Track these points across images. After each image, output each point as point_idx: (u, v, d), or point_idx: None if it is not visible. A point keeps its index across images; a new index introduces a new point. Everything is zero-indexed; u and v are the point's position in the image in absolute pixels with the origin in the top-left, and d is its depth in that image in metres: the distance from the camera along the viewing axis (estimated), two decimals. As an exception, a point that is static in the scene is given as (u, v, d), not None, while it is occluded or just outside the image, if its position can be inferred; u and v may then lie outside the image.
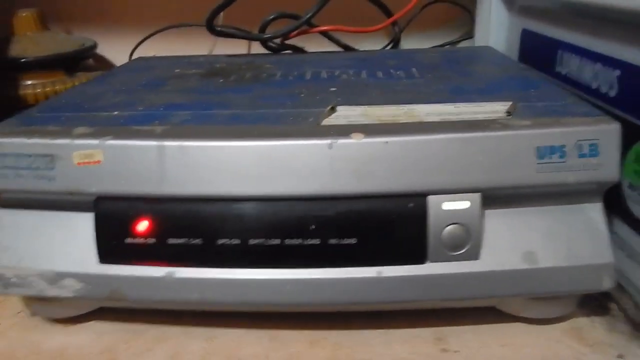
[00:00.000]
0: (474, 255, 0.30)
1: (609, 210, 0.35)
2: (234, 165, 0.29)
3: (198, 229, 0.28)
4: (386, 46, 0.73)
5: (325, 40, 0.67)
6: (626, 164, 0.38)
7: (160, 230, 0.29)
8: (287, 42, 0.60)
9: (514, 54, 0.58)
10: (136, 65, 0.52)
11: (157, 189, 0.28)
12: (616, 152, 0.32)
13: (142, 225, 0.28)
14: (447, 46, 0.73)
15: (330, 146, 0.30)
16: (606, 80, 0.41)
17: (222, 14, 0.58)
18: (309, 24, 0.58)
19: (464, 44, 0.73)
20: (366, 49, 0.67)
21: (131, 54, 0.70)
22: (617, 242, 0.37)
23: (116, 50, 0.74)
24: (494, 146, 0.31)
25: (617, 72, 0.39)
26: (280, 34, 0.58)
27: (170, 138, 0.29)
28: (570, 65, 0.46)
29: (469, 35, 0.72)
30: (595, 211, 0.33)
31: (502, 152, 0.31)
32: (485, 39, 0.63)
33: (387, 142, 0.29)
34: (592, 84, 0.43)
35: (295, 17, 0.59)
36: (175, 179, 0.28)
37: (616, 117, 0.39)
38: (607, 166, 0.32)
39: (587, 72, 0.44)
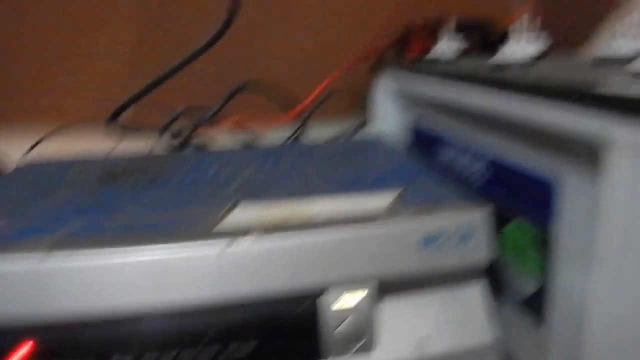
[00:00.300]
0: (369, 347, 0.31)
1: (494, 289, 0.38)
2: (124, 278, 0.28)
3: (87, 350, 0.27)
4: (291, 136, 0.76)
5: (232, 135, 0.68)
6: (501, 245, 0.42)
7: (45, 354, 0.27)
8: (192, 138, 0.61)
9: (404, 144, 0.64)
10: (24, 171, 0.50)
11: (39, 308, 0.27)
12: (490, 234, 0.36)
13: (23, 351, 0.26)
14: (345, 137, 0.77)
15: (222, 251, 0.30)
16: (477, 171, 0.46)
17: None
18: (215, 118, 0.60)
19: (362, 133, 0.79)
20: (271, 139, 0.70)
21: (27, 153, 0.68)
22: (504, 318, 0.40)
23: (11, 150, 0.71)
24: (380, 238, 0.33)
25: (484, 164, 0.44)
26: (184, 129, 0.59)
27: (54, 252, 0.28)
28: (449, 155, 0.51)
29: (367, 124, 0.78)
30: (478, 291, 0.36)
31: (388, 244, 0.33)
32: (379, 128, 0.68)
33: (277, 243, 0.31)
34: (466, 174, 0.48)
35: (200, 112, 0.60)
36: (59, 296, 0.27)
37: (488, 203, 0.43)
38: (483, 248, 0.35)
39: (462, 163, 0.48)
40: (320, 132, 0.78)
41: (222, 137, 0.65)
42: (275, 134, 0.76)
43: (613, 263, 0.27)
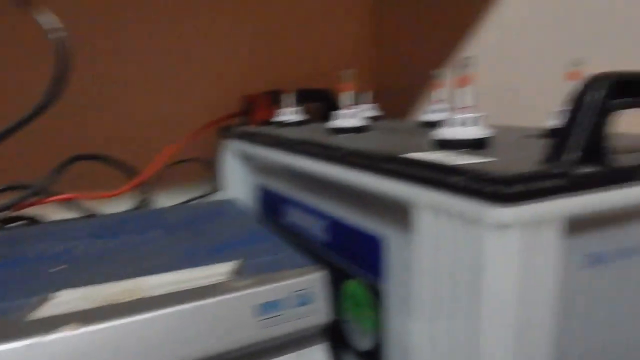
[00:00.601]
0: None
1: (338, 345, 0.39)
2: None
3: None
4: (135, 208, 0.73)
5: (67, 208, 0.64)
6: (341, 302, 0.43)
7: None
8: (18, 213, 0.55)
9: (254, 206, 0.64)
10: None
11: None
12: (327, 295, 0.37)
13: None
14: (194, 202, 0.76)
15: (41, 345, 0.27)
16: (318, 230, 0.48)
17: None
18: (43, 193, 0.55)
19: (212, 198, 0.78)
20: (112, 212, 0.66)
21: None
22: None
23: None
24: (216, 312, 0.32)
25: (324, 223, 0.46)
26: (8, 205, 0.54)
27: None
28: (294, 216, 0.53)
29: (218, 189, 0.77)
30: (320, 352, 0.36)
31: (225, 316, 0.32)
32: (229, 192, 0.68)
33: (105, 328, 0.28)
34: (309, 233, 0.49)
35: (27, 187, 0.55)
36: None
37: (329, 262, 0.45)
38: (322, 310, 0.36)
39: (305, 222, 0.50)
40: (170, 200, 0.76)
41: (56, 211, 0.61)
42: (116, 207, 0.72)
43: (428, 311, 0.29)
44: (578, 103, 0.27)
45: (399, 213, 0.34)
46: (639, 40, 0.49)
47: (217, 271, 0.37)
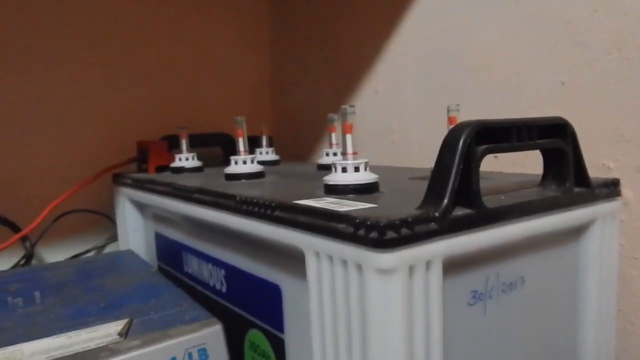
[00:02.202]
0: None
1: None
2: None
3: None
4: (17, 263, 0.66)
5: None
6: (244, 352, 0.41)
7: None
8: None
9: (152, 255, 0.61)
10: None
11: None
12: (223, 349, 0.35)
13: None
14: (87, 255, 0.71)
15: None
16: (218, 279, 0.46)
17: None
18: None
19: (106, 250, 0.73)
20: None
21: None
22: None
23: None
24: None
25: (223, 272, 0.45)
26: None
27: None
28: (193, 265, 0.50)
29: (114, 239, 0.72)
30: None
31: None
32: (126, 242, 0.64)
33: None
34: (209, 282, 0.47)
35: None
36: None
37: (231, 312, 0.44)
38: (217, 365, 0.34)
39: (204, 271, 0.48)
40: (60, 254, 0.70)
41: None
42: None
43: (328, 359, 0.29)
44: (446, 149, 0.28)
45: (295, 260, 0.33)
46: (501, 91, 0.53)
47: (105, 332, 0.34)
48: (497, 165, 0.52)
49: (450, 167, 0.27)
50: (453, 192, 0.27)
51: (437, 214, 0.27)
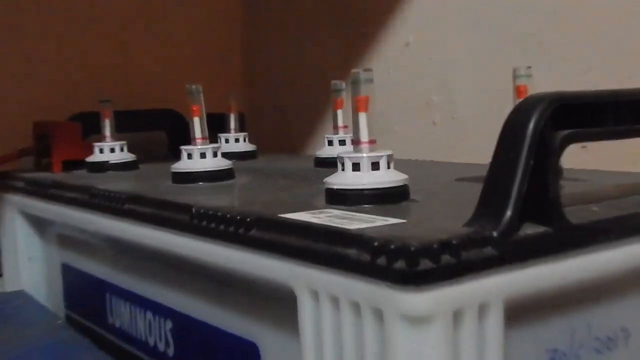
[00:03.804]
0: None
1: None
2: None
3: None
4: None
5: None
6: None
7: None
8: None
9: (58, 299, 0.62)
10: None
11: None
12: None
13: None
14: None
15: None
16: (161, 335, 0.47)
17: None
18: None
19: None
20: None
21: None
22: None
23: None
24: None
25: (170, 325, 0.46)
26: None
27: None
28: (122, 315, 0.51)
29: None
30: None
31: None
32: (15, 278, 0.65)
33: None
34: (148, 340, 0.48)
35: None
36: None
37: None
38: None
39: (141, 324, 0.49)
40: None
41: None
42: None
43: None
44: (508, 136, 0.29)
45: (280, 305, 0.34)
46: (599, 48, 0.55)
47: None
48: (586, 159, 0.53)
49: (515, 164, 0.28)
50: (519, 200, 0.28)
51: (495, 234, 0.28)
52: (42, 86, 0.79)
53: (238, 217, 0.36)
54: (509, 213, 0.28)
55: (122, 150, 0.65)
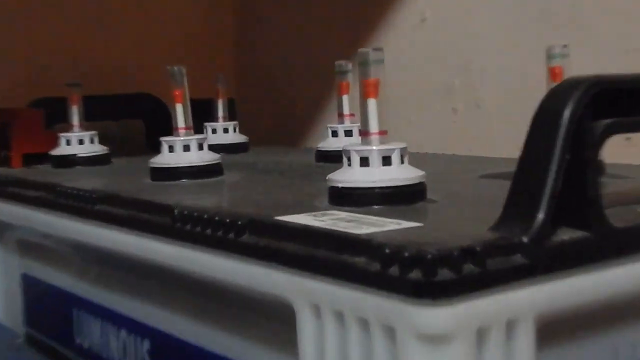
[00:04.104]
0: None
1: None
2: None
3: None
4: None
5: None
6: None
7: None
8: None
9: (16, 315, 0.62)
10: None
11: None
12: None
13: None
14: None
15: None
16: (137, 356, 0.47)
17: None
18: None
19: None
20: None
21: None
22: None
23: None
24: None
25: (148, 345, 0.46)
26: None
27: None
28: (92, 333, 0.51)
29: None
30: None
31: None
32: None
33: None
34: (124, 361, 0.49)
35: None
36: None
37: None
38: None
39: (114, 345, 0.49)
40: None
41: None
42: None
43: None
44: (540, 126, 0.29)
45: (276, 321, 0.35)
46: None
47: None
48: (631, 153, 0.53)
49: (548, 158, 0.28)
50: (553, 200, 0.28)
51: (525, 239, 0.28)
52: (1, 68, 0.79)
53: (228, 220, 0.36)
54: (541, 215, 0.28)
55: (92, 141, 0.65)
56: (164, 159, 0.53)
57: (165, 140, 0.53)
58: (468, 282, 0.27)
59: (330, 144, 0.61)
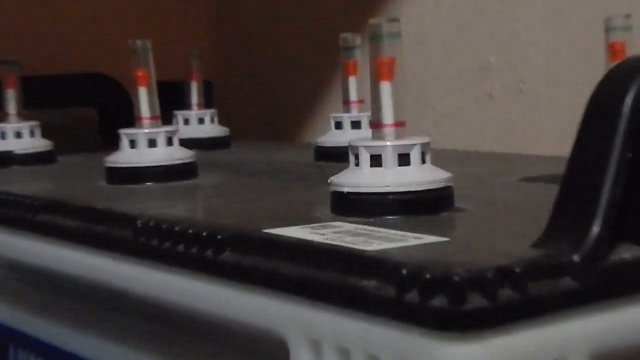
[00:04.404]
0: None
1: None
2: None
3: None
4: None
5: None
6: None
7: None
8: None
9: None
10: None
11: None
12: None
13: None
14: None
15: None
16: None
17: None
18: None
19: None
20: None
21: None
22: None
23: None
24: None
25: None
26: None
27: None
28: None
29: None
30: None
31: None
32: None
33: None
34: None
35: None
36: None
37: None
38: None
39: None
40: None
41: None
42: None
43: None
44: (595, 117, 0.29)
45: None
46: None
47: None
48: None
49: (605, 157, 0.29)
50: (611, 210, 0.29)
51: (576, 258, 0.28)
52: None
53: (204, 234, 0.36)
54: (596, 228, 0.29)
55: (32, 134, 0.65)
56: (124, 156, 0.53)
57: (125, 132, 0.53)
58: (505, 310, 0.27)
59: (333, 138, 0.61)
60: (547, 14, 0.66)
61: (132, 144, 0.53)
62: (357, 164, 0.39)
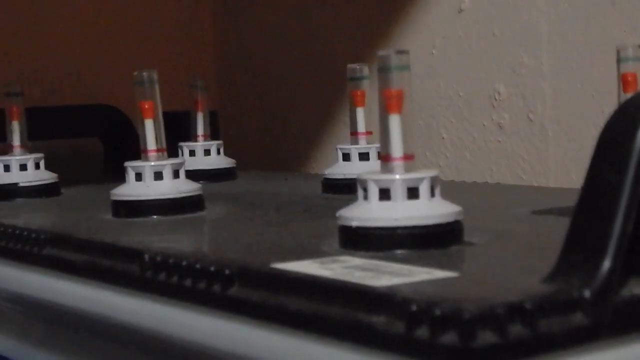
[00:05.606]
0: None
1: None
2: None
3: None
4: None
5: None
6: None
7: None
8: None
9: None
10: None
11: None
12: None
13: None
14: None
15: None
16: None
17: None
18: None
19: None
20: None
21: None
22: None
23: None
24: None
25: None
26: None
27: None
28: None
29: None
30: None
31: None
32: None
33: None
34: None
35: None
36: None
37: None
38: None
39: None
40: None
41: None
42: None
43: None
44: (608, 149, 0.29)
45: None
46: None
47: None
48: None
49: (617, 190, 0.29)
50: (623, 244, 0.29)
51: (588, 294, 0.28)
52: None
53: (212, 269, 0.36)
54: (607, 263, 0.29)
55: (37, 167, 0.65)
56: (130, 189, 0.53)
57: (130, 165, 0.53)
58: (515, 347, 0.27)
59: (341, 169, 0.61)
60: (557, 42, 0.66)
61: (138, 176, 0.53)
62: (365, 197, 0.39)
